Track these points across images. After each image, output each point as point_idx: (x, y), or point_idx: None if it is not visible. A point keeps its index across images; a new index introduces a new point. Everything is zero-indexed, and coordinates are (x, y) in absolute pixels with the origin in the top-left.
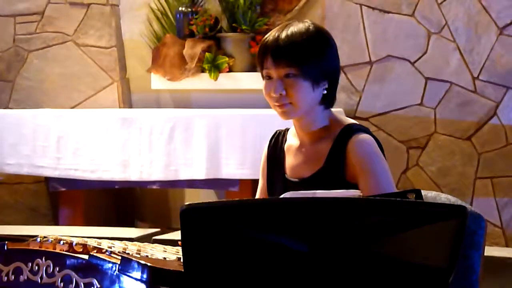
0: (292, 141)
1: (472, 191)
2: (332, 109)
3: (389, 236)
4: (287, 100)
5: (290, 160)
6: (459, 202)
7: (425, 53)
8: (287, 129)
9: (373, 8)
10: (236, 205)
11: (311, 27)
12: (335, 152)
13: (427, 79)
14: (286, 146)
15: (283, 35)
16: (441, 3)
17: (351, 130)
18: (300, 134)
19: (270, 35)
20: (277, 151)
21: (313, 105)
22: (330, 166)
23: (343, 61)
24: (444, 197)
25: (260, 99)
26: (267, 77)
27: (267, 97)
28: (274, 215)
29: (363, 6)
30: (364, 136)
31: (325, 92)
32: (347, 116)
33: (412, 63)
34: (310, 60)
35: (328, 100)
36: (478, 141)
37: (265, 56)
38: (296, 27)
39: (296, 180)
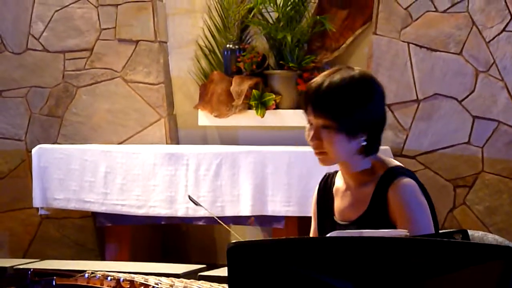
0: (339, 183)
1: None
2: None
3: (435, 276)
4: (322, 148)
5: (338, 203)
6: (506, 242)
7: (472, 91)
8: (336, 172)
9: (421, 47)
10: (283, 243)
11: (354, 79)
12: (378, 195)
13: (474, 117)
14: (334, 189)
15: (325, 84)
16: (489, 41)
17: (393, 174)
18: (345, 176)
19: (314, 82)
20: (326, 194)
21: (350, 155)
22: (374, 209)
23: (390, 99)
24: (491, 237)
25: None
26: (309, 123)
27: (308, 142)
28: (321, 253)
29: (410, 44)
30: (406, 180)
31: (365, 143)
32: (394, 154)
33: (460, 102)
34: (347, 115)
35: (368, 150)
36: None
37: (306, 103)
38: (339, 78)
39: (344, 222)
